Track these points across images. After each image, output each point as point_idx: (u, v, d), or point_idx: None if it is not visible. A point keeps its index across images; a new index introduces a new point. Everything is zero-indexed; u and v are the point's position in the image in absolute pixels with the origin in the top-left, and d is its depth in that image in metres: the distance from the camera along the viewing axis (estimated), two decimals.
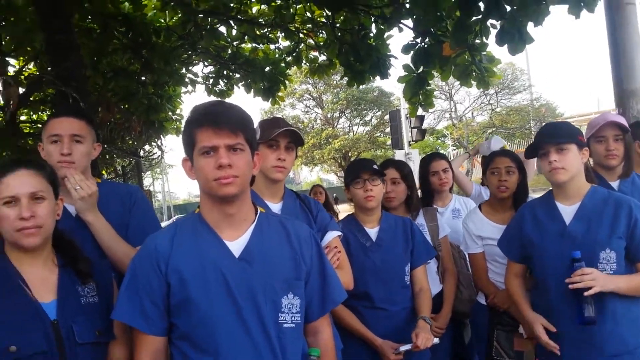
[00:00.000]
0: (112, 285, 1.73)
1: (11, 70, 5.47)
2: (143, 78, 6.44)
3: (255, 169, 1.61)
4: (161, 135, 8.70)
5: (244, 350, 1.51)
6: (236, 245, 1.58)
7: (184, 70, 6.84)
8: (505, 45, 4.42)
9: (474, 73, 5.25)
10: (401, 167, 2.92)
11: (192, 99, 25.70)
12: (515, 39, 4.40)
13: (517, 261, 2.41)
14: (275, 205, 2.16)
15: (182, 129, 1.60)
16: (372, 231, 2.54)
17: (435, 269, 2.86)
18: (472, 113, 32.50)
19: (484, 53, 5.25)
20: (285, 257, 1.61)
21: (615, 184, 2.63)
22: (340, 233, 2.25)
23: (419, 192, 3.40)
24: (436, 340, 2.31)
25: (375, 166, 2.52)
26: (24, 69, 5.93)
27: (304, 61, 6.75)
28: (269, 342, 1.52)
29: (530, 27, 4.39)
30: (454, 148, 29.71)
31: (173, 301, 1.53)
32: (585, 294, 2.02)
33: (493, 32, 4.55)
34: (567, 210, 2.24)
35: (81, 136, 2.04)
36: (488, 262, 2.73)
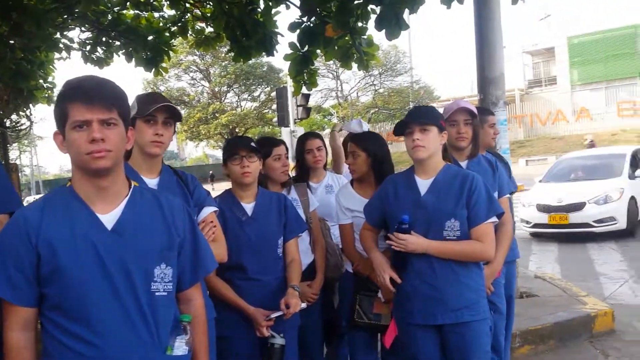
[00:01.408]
0: None
1: None
2: (11, 42, 5.95)
3: (129, 143, 1.66)
4: (30, 105, 8.11)
5: (115, 317, 1.57)
6: (109, 217, 1.62)
7: (58, 35, 6.35)
8: (383, 30, 4.71)
9: (354, 55, 5.46)
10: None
11: (66, 66, 23.80)
12: (392, 24, 4.66)
13: (373, 225, 2.71)
14: (152, 181, 2.20)
15: (55, 102, 1.60)
16: (248, 206, 2.67)
17: (308, 241, 3.07)
18: (357, 93, 33.55)
19: (365, 37, 5.49)
20: (158, 229, 1.68)
21: (464, 164, 2.98)
22: (216, 208, 2.35)
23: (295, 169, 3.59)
24: (304, 304, 2.50)
25: (252, 143, 2.64)
26: None
27: (190, 32, 6.56)
28: (140, 309, 1.60)
29: (406, 14, 4.70)
30: (360, 120, 30.48)
31: (43, 271, 1.55)
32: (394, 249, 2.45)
33: (373, 17, 4.80)
34: (423, 184, 2.54)
35: None
36: (355, 233, 2.96)
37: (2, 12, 5.26)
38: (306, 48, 5.66)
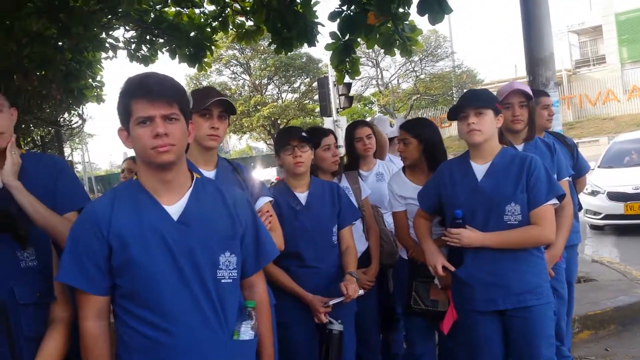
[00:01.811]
0: (50, 250, 1.79)
1: None
2: (60, 43, 6.13)
3: (190, 137, 1.70)
4: (81, 103, 8.36)
5: (185, 303, 1.62)
6: (174, 209, 1.67)
7: (104, 35, 6.50)
8: (426, 15, 4.63)
9: (397, 42, 5.40)
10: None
11: (113, 65, 24.47)
12: (434, 9, 4.58)
13: (427, 211, 2.68)
14: (210, 173, 2.24)
15: (118, 100, 1.65)
16: (302, 195, 2.69)
17: (361, 229, 3.06)
18: (398, 80, 33.18)
19: (407, 22, 5.41)
20: (222, 219, 1.73)
21: (520, 147, 2.90)
22: (271, 198, 2.39)
23: (345, 158, 3.59)
24: (361, 291, 2.51)
25: (303, 133, 2.64)
26: None
27: (231, 26, 6.61)
28: (208, 296, 1.64)
29: None
30: (382, 114, 30.27)
31: (115, 263, 1.61)
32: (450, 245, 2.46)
33: (415, 2, 4.73)
34: (480, 169, 2.49)
35: None
36: (409, 220, 2.94)
37: (50, 15, 5.43)
38: (347, 37, 5.64)
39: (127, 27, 6.67)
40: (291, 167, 2.63)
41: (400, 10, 5.19)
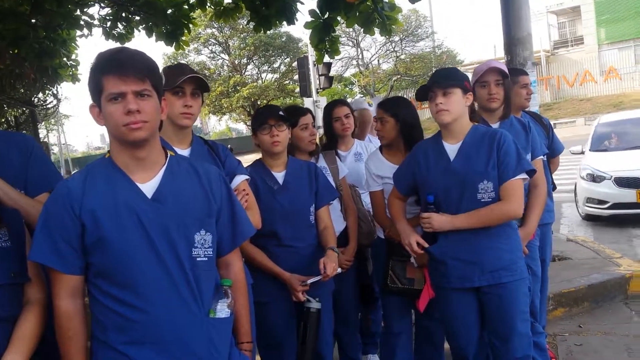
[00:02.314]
0: (24, 231, 1.75)
1: None
2: (33, 20, 5.98)
3: (163, 114, 1.68)
4: (56, 83, 8.19)
5: (159, 282, 1.61)
6: (148, 186, 1.65)
7: (78, 12, 6.35)
8: None
9: (376, 20, 5.37)
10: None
11: (88, 43, 23.99)
12: None
13: (402, 192, 2.69)
14: (184, 152, 2.22)
15: (89, 76, 1.61)
16: (279, 175, 2.68)
17: (339, 208, 3.07)
18: (378, 60, 33.11)
19: (386, 1, 5.38)
20: (197, 196, 1.71)
21: (495, 126, 2.91)
22: (247, 177, 2.37)
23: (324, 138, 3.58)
24: (339, 270, 2.52)
25: (280, 112, 2.63)
26: None
27: (209, 4, 6.52)
28: (183, 274, 1.63)
29: None
30: (361, 95, 30.26)
31: (88, 241, 1.59)
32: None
33: None
34: (452, 148, 2.51)
35: None
36: (386, 200, 2.95)
37: None
38: (327, 15, 5.59)
39: (102, 4, 6.53)
40: (268, 146, 2.62)
41: None
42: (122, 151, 1.64)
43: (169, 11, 6.37)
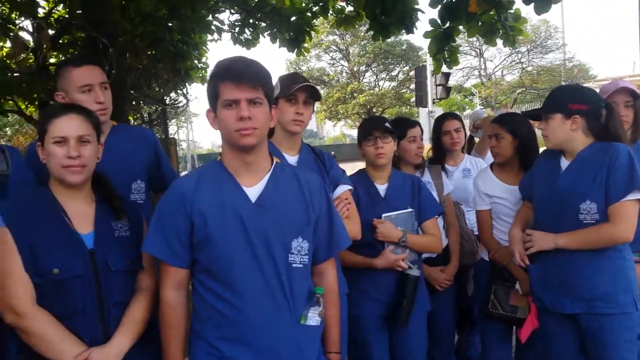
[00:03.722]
0: (142, 223, 1.91)
1: (41, 12, 5.56)
2: (170, 24, 6.47)
3: (273, 121, 1.75)
4: (187, 84, 8.77)
5: (256, 283, 1.68)
6: (253, 191, 1.73)
7: (210, 18, 6.80)
8: (532, 4, 4.37)
9: (499, 31, 5.17)
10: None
11: (217, 47, 25.50)
12: None
13: (525, 197, 2.57)
14: (292, 158, 2.29)
15: (208, 82, 1.73)
16: (382, 187, 2.65)
17: (442, 225, 2.97)
18: (502, 71, 31.80)
19: (511, 11, 5.15)
20: (297, 204, 1.76)
21: None
22: (351, 187, 2.38)
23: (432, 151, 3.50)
24: (416, 272, 2.50)
25: (387, 124, 2.60)
26: (53, 11, 6.00)
27: (331, 11, 6.64)
28: (278, 278, 1.69)
29: None
30: (482, 107, 29.24)
31: (195, 238, 1.70)
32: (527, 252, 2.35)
33: None
34: (565, 164, 2.35)
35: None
36: (493, 220, 2.82)
37: None
38: (447, 24, 5.47)
39: (232, 10, 6.91)
40: (372, 157, 2.60)
41: None
42: (232, 155, 1.73)
43: (293, 18, 6.60)
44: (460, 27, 5.65)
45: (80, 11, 4.96)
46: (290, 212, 1.74)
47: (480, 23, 5.22)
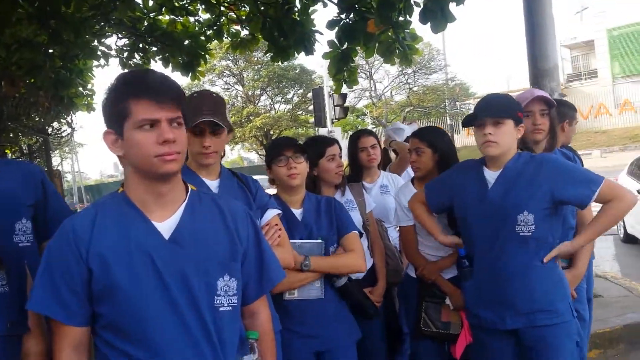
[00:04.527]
0: (25, 274, 1.58)
1: None
2: (50, 50, 5.97)
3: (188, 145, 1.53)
4: (71, 112, 8.19)
5: (176, 336, 1.41)
6: (165, 226, 1.46)
7: (95, 43, 6.38)
8: (428, 24, 4.51)
9: (397, 50, 5.29)
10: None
11: (104, 73, 24.41)
12: (437, 17, 4.49)
13: (432, 208, 2.54)
14: (213, 182, 2.05)
15: (107, 98, 1.43)
16: (298, 212, 2.46)
17: (366, 245, 2.87)
18: (391, 92, 33.23)
19: (408, 30, 5.30)
20: (220, 238, 1.52)
21: None
22: (280, 211, 2.19)
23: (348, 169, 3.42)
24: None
25: (298, 143, 2.46)
26: None
27: (225, 35, 6.54)
28: (204, 326, 1.44)
29: (452, 6, 4.50)
30: (373, 126, 30.26)
31: (96, 288, 1.40)
32: None
33: (417, 10, 4.63)
34: (493, 176, 2.31)
35: None
36: (418, 235, 2.77)
37: (40, 21, 5.28)
38: (345, 45, 5.53)
39: (119, 35, 6.58)
40: (285, 179, 2.40)
41: (401, 18, 5.08)
42: (140, 186, 1.45)
43: (186, 42, 6.41)
44: (358, 48, 5.74)
45: None
46: (212, 246, 1.49)
47: (378, 43, 5.32)
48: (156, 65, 6.67)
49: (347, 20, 5.33)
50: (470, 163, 2.46)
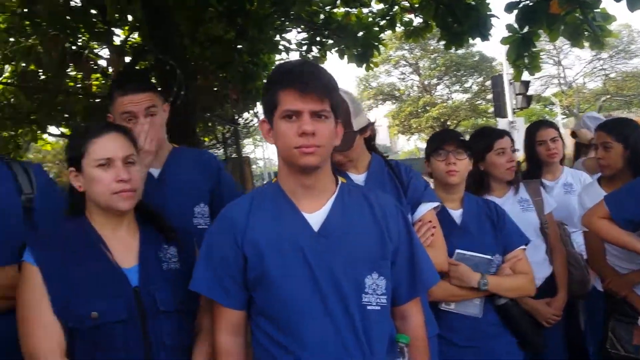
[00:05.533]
0: (194, 251, 1.65)
1: (117, 40, 5.71)
2: (239, 46, 6.50)
3: (338, 139, 1.47)
4: (257, 103, 8.87)
5: (323, 330, 1.39)
6: (315, 218, 1.45)
7: (277, 38, 6.83)
8: (623, 1, 3.94)
9: (586, 33, 4.75)
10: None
11: None
12: None
13: (621, 224, 2.15)
14: (359, 177, 1.95)
15: (263, 88, 1.47)
16: (456, 213, 2.23)
17: (544, 250, 2.57)
18: (584, 79, 30.24)
19: (598, 10, 4.72)
20: (369, 233, 1.47)
21: None
22: (437, 204, 2.00)
23: (525, 164, 3.12)
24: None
25: (461, 138, 2.24)
26: (129, 39, 6.15)
27: (399, 24, 6.50)
28: (351, 323, 1.40)
29: None
30: (564, 117, 27.85)
31: (250, 275, 1.44)
32: None
33: None
34: None
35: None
36: (606, 244, 2.41)
37: (229, 19, 5.76)
38: (526, 29, 5.11)
39: (298, 29, 6.94)
40: (442, 175, 2.19)
41: None
42: (289, 176, 1.47)
43: (360, 33, 6.51)
44: (540, 31, 5.29)
45: (149, 38, 5.04)
46: (360, 242, 1.44)
47: (563, 25, 4.84)
48: (332, 57, 6.95)
49: (528, 1, 4.93)
50: None
